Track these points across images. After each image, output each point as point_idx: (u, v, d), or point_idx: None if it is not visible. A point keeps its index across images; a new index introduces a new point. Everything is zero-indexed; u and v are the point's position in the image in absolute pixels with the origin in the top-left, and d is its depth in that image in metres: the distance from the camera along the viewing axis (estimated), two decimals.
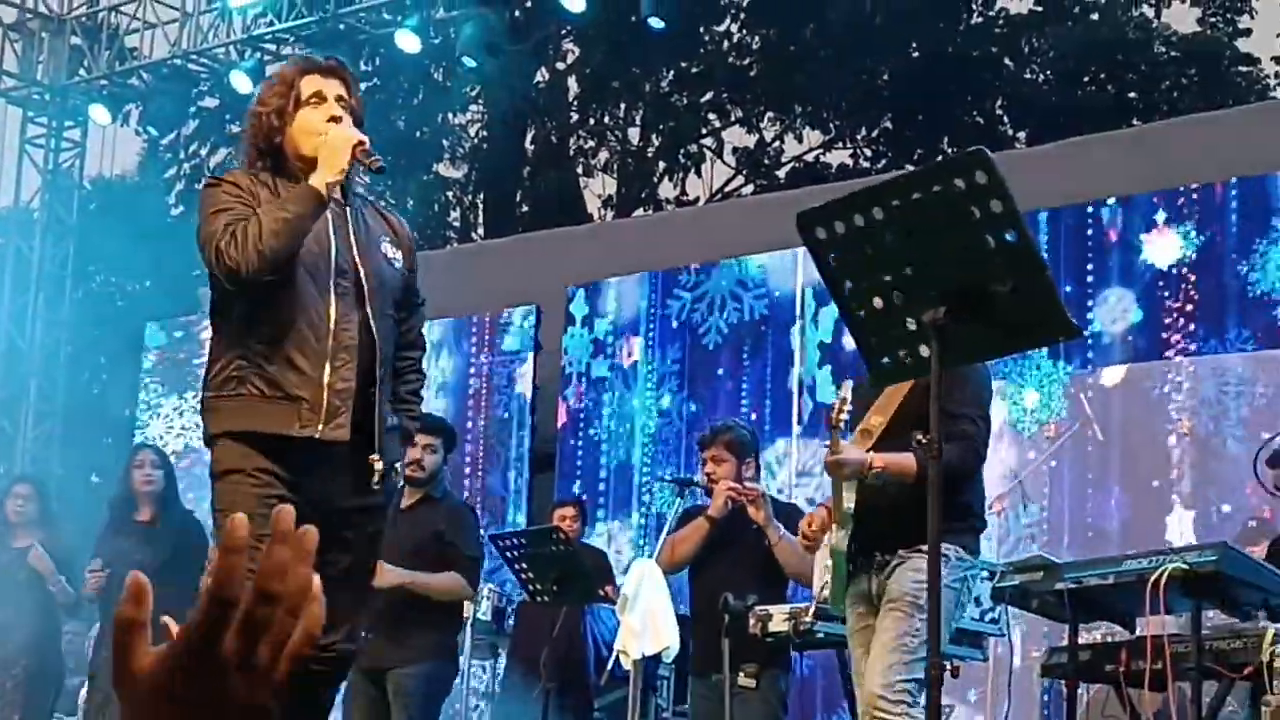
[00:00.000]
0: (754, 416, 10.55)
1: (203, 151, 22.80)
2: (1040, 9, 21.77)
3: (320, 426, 4.31)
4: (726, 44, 22.38)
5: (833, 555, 5.28)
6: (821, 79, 20.89)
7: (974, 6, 21.76)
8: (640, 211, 22.17)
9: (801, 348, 10.66)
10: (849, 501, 5.19)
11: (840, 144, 22.83)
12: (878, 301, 3.28)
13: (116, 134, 15.69)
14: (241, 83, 13.60)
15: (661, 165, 23.07)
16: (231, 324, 4.45)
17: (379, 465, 4.40)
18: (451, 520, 7.39)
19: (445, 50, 14.68)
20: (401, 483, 4.49)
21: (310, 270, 4.38)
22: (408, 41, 12.89)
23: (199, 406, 4.56)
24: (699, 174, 22.86)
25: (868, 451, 5.08)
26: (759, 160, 22.74)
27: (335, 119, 4.48)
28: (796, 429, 10.58)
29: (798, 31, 20.92)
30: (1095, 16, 22.10)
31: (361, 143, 4.38)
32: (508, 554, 7.44)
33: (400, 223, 4.79)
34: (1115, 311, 9.40)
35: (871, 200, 3.20)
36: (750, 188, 22.63)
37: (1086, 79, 21.97)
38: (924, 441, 3.79)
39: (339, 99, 4.53)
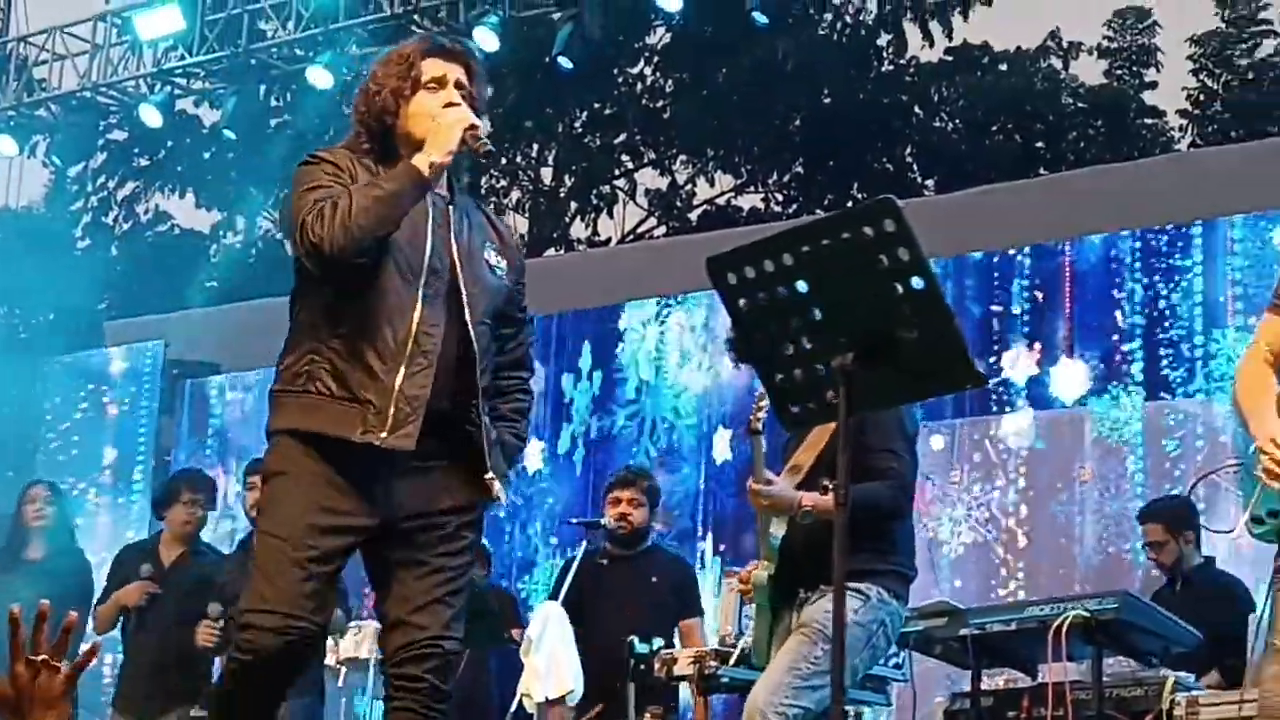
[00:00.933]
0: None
1: (110, 184, 22.63)
2: (950, 59, 22.00)
3: (384, 434, 3.96)
4: (640, 86, 22.46)
5: (755, 589, 5.25)
6: (734, 123, 21.00)
7: (885, 55, 21.95)
8: (552, 251, 22.18)
9: None
10: (776, 534, 5.17)
11: (752, 188, 22.96)
12: (787, 348, 3.30)
13: (24, 165, 15.52)
14: (151, 116, 13.50)
15: (574, 205, 23.09)
16: (310, 314, 4.12)
17: (497, 487, 4.12)
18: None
19: (358, 88, 14.62)
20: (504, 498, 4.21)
21: (401, 266, 4.05)
22: (320, 77, 12.83)
23: (268, 398, 4.23)
24: (611, 215, 22.92)
25: (796, 489, 5.07)
26: (671, 202, 22.82)
27: (452, 105, 4.16)
28: None
29: (711, 75, 21.03)
30: (1004, 67, 22.36)
31: (474, 126, 4.08)
32: None
33: (508, 230, 4.49)
34: (1022, 358, 9.48)
35: (781, 246, 3.22)
36: (662, 229, 22.70)
37: (995, 128, 22.23)
38: (831, 486, 3.81)
39: (458, 85, 4.20)
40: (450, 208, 4.19)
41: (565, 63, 11.55)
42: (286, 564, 3.95)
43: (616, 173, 23.04)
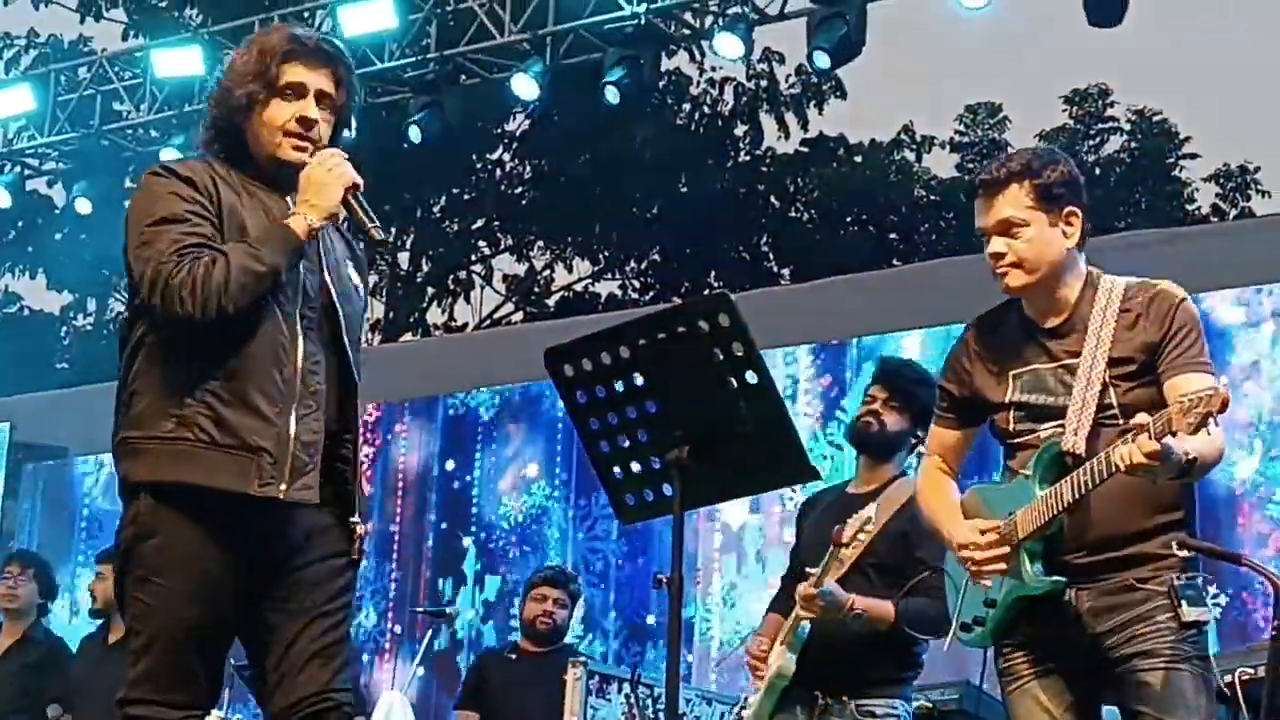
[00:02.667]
0: None
1: None
2: (806, 150, 22.27)
3: (284, 486, 3.61)
4: (499, 172, 22.51)
5: (772, 675, 5.20)
6: (592, 210, 21.10)
7: (741, 145, 22.18)
8: (409, 336, 22.09)
9: None
10: (805, 625, 5.11)
11: (610, 275, 23.05)
12: (623, 439, 3.31)
13: None
14: None
15: (430, 291, 23.03)
16: (169, 347, 3.69)
17: (361, 531, 3.76)
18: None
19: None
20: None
21: (276, 296, 3.69)
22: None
23: (114, 448, 3.73)
24: (468, 300, 22.88)
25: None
26: (529, 288, 22.85)
27: (307, 123, 3.77)
28: None
29: (570, 162, 21.13)
30: (859, 159, 22.68)
31: (355, 185, 3.73)
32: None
33: (358, 243, 4.04)
34: None
35: (618, 339, 3.24)
36: (520, 315, 22.70)
37: (849, 219, 22.50)
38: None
39: (322, 96, 3.81)
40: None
41: (415, 133, 11.55)
42: (168, 642, 3.62)
43: (474, 258, 23.03)
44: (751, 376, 3.13)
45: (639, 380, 3.24)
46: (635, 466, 3.31)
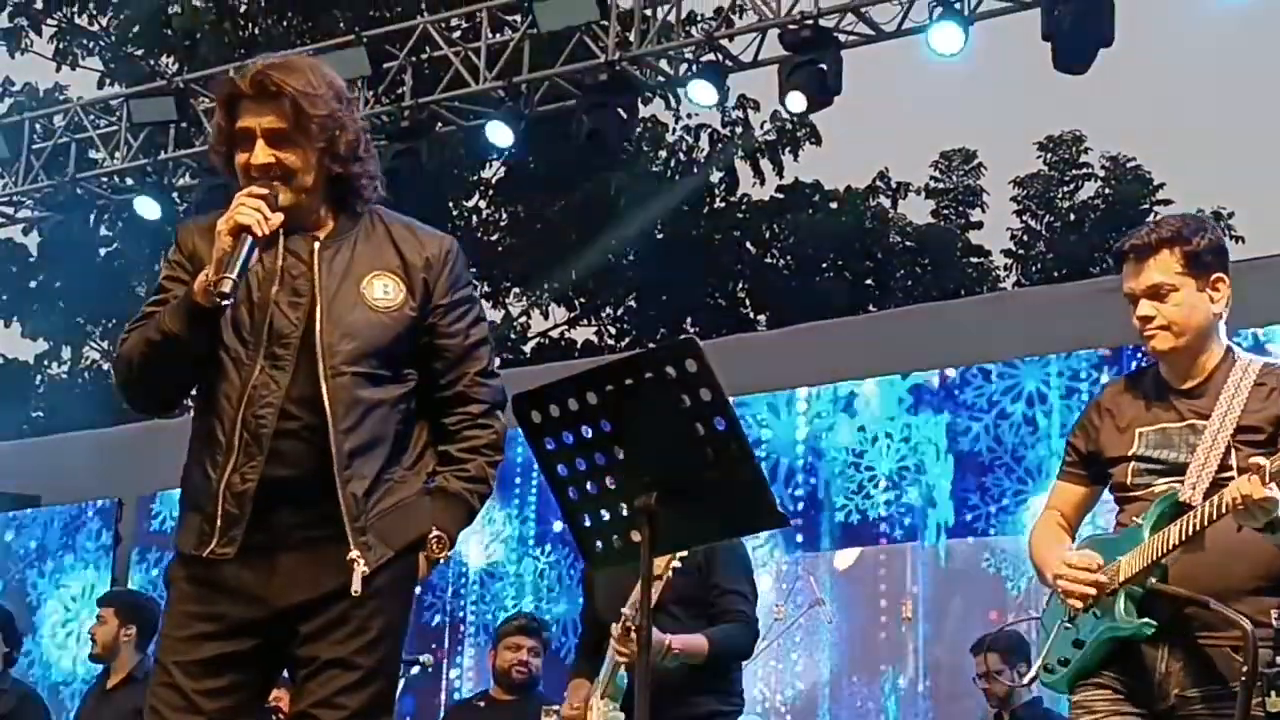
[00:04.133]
0: None
1: None
2: (781, 196, 22.33)
3: (213, 543, 3.52)
4: (474, 219, 22.53)
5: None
6: (568, 256, 21.13)
7: (717, 191, 22.24)
8: None
9: None
10: (625, 675, 5.09)
11: (585, 321, 23.06)
12: (590, 486, 3.29)
13: None
14: None
15: None
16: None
17: (361, 566, 3.51)
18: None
19: (187, 218, 14.53)
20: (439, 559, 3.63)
21: (243, 337, 3.58)
22: (147, 208, 12.74)
23: None
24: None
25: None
26: (505, 335, 22.84)
27: (262, 169, 3.58)
28: None
29: (545, 209, 21.16)
30: (834, 205, 22.75)
31: (240, 227, 3.46)
32: None
33: (422, 244, 3.75)
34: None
35: (585, 385, 3.23)
36: (496, 362, 22.65)
37: (825, 265, 22.56)
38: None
39: (271, 134, 3.59)
40: (316, 246, 3.65)
41: (393, 186, 11.54)
42: (162, 687, 3.57)
43: None
44: (719, 423, 3.10)
45: (607, 426, 3.21)
46: (604, 514, 3.28)
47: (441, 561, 3.71)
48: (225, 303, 3.48)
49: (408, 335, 3.68)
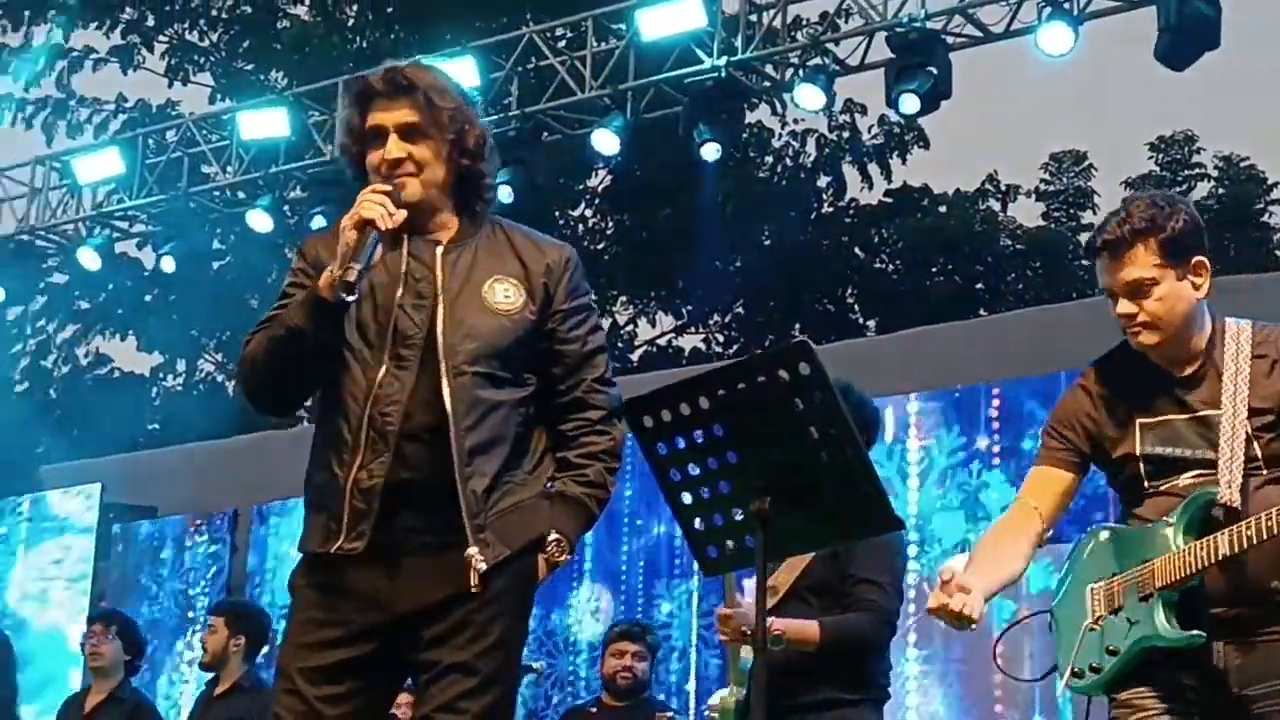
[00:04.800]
0: None
1: (50, 328, 22.53)
2: (890, 200, 22.22)
3: (340, 539, 3.58)
4: (581, 228, 22.59)
5: (722, 717, 5.14)
6: (675, 264, 21.13)
7: (825, 197, 22.16)
8: None
9: None
10: (747, 659, 5.06)
11: (693, 329, 23.04)
12: (703, 491, 3.28)
13: None
14: (89, 259, 13.48)
15: None
16: None
17: (479, 561, 3.54)
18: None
19: (300, 231, 14.66)
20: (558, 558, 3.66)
21: (369, 338, 3.65)
22: (260, 221, 12.85)
23: None
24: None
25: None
26: (612, 343, 22.88)
27: (392, 163, 3.70)
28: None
29: (652, 217, 21.17)
30: (943, 209, 22.60)
31: (364, 221, 3.54)
32: None
33: (543, 252, 3.83)
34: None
35: (698, 390, 3.22)
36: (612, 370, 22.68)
37: (935, 269, 22.41)
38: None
39: (404, 128, 3.70)
40: (439, 250, 3.74)
41: (506, 193, 11.54)
42: (285, 695, 3.62)
43: None
44: (832, 425, 3.09)
45: (719, 431, 3.21)
46: (718, 518, 3.27)
47: (560, 565, 3.72)
48: (349, 297, 3.54)
49: (527, 339, 3.73)
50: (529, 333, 3.73)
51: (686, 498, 3.30)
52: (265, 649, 8.11)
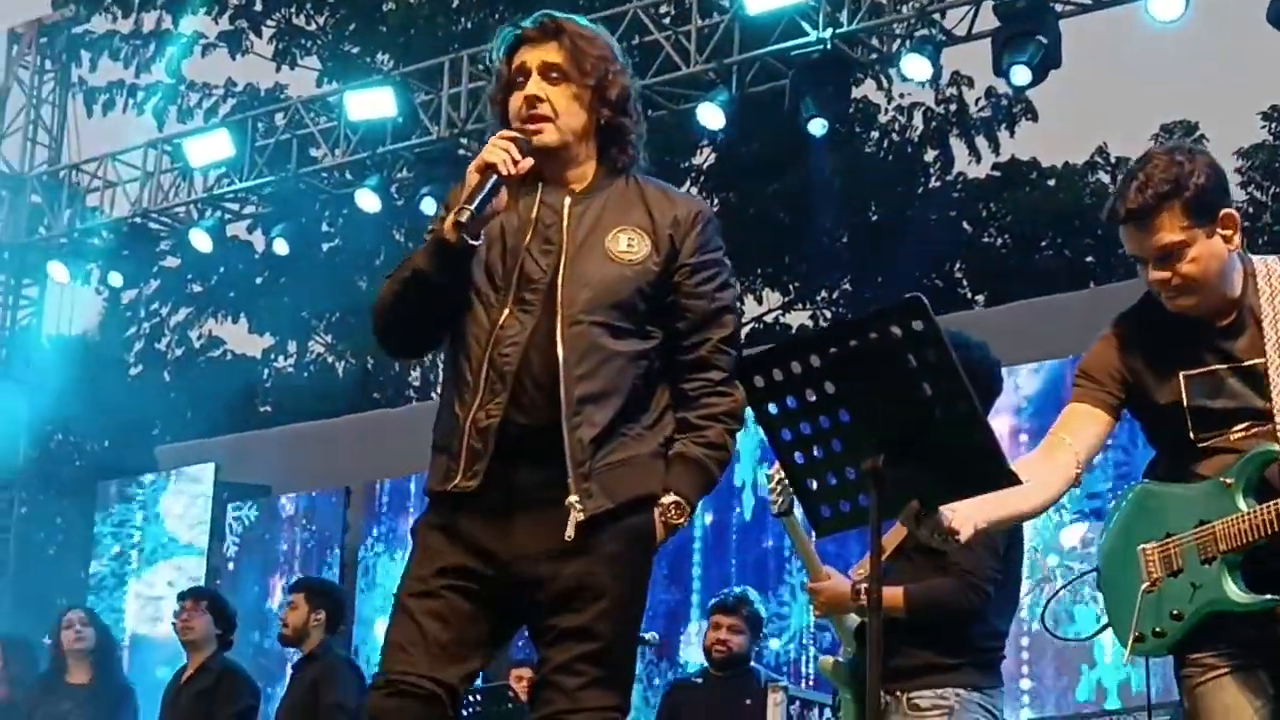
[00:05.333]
0: None
1: (163, 311, 22.81)
2: (998, 174, 22.02)
3: (458, 478, 3.58)
4: None
5: (834, 678, 5.18)
6: (781, 241, 21.05)
7: (931, 171, 22.00)
8: None
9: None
10: (852, 621, 5.06)
11: (800, 305, 22.96)
12: (816, 450, 3.25)
13: (76, 292, 15.69)
14: (201, 241, 13.65)
15: None
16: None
17: (577, 512, 3.51)
18: (325, 676, 7.53)
19: (407, 211, 14.76)
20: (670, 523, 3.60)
21: (495, 281, 3.65)
22: (368, 201, 12.95)
23: None
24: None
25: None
26: None
27: (531, 101, 3.67)
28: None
29: (757, 193, 21.11)
30: (1052, 182, 22.37)
31: (487, 165, 3.54)
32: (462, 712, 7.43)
33: (674, 204, 3.78)
34: None
35: (809, 348, 3.18)
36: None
37: (1044, 243, 22.19)
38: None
39: (546, 68, 3.69)
40: (569, 200, 3.71)
41: None
42: (395, 620, 3.64)
43: None
44: (946, 382, 3.05)
45: (830, 389, 3.17)
46: (831, 478, 3.24)
47: (680, 528, 3.68)
48: (469, 238, 3.54)
49: (651, 290, 3.68)
50: (652, 284, 3.68)
51: (799, 457, 3.27)
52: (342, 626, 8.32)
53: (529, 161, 3.62)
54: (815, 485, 3.27)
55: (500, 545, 3.60)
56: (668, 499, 3.65)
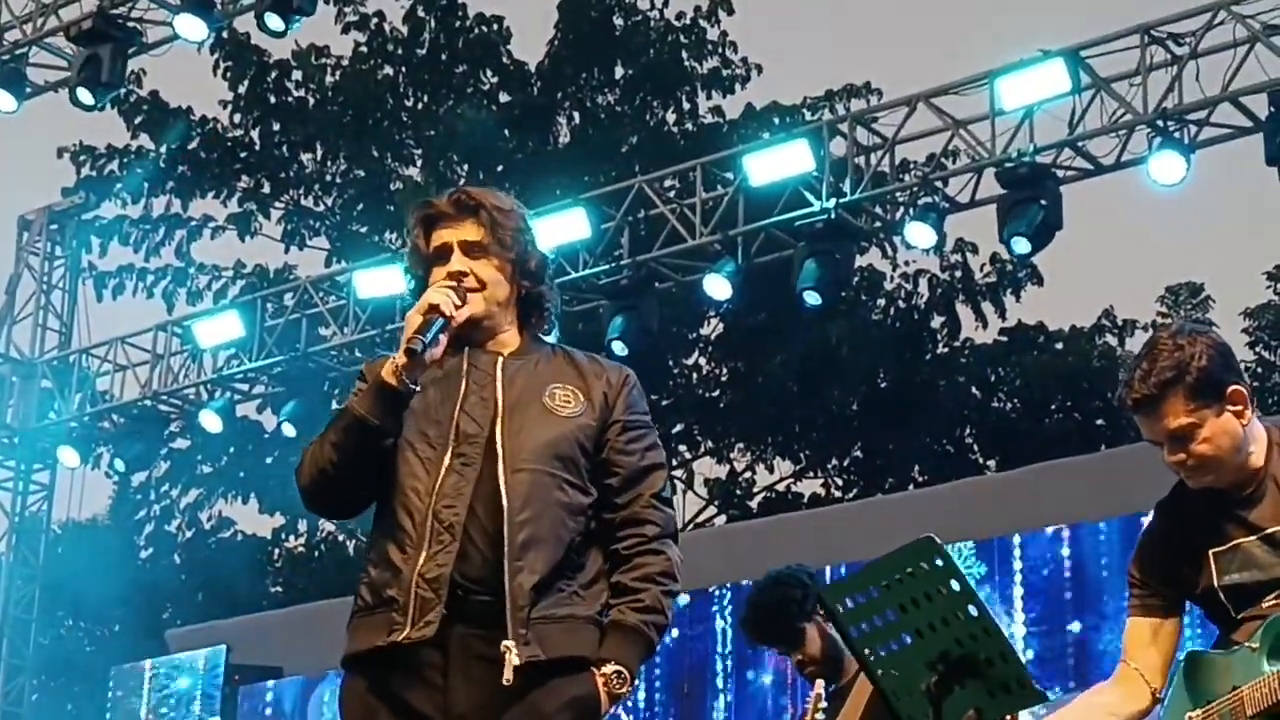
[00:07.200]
0: None
1: (174, 493, 22.78)
2: (1005, 339, 22.09)
3: (406, 629, 3.50)
4: (695, 376, 22.61)
5: None
6: (791, 409, 21.07)
7: (939, 337, 22.07)
8: None
9: None
10: None
11: (811, 473, 22.90)
12: (894, 670, 3.47)
13: (86, 476, 15.70)
14: (211, 422, 13.66)
15: None
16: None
17: (513, 656, 3.47)
18: None
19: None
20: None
21: (430, 438, 3.64)
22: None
23: None
24: (670, 506, 22.81)
25: None
26: (731, 490, 22.77)
27: (454, 276, 3.70)
28: None
29: (765, 362, 21.17)
30: (1059, 345, 22.43)
31: (431, 307, 3.58)
32: None
33: (604, 370, 3.83)
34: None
35: (870, 578, 3.47)
36: (722, 518, 22.60)
37: (1054, 406, 22.19)
38: None
39: (468, 246, 3.73)
40: (500, 360, 3.75)
41: (620, 348, 11.59)
42: None
43: (674, 463, 23.03)
44: (972, 609, 3.34)
45: (892, 614, 3.45)
46: (908, 694, 3.50)
47: (623, 698, 3.65)
48: (410, 383, 3.58)
49: (589, 445, 3.73)
50: (590, 438, 3.73)
51: (882, 676, 3.58)
52: None
53: (467, 311, 3.69)
54: (901, 702, 3.56)
55: (434, 708, 3.55)
56: (609, 668, 3.62)
